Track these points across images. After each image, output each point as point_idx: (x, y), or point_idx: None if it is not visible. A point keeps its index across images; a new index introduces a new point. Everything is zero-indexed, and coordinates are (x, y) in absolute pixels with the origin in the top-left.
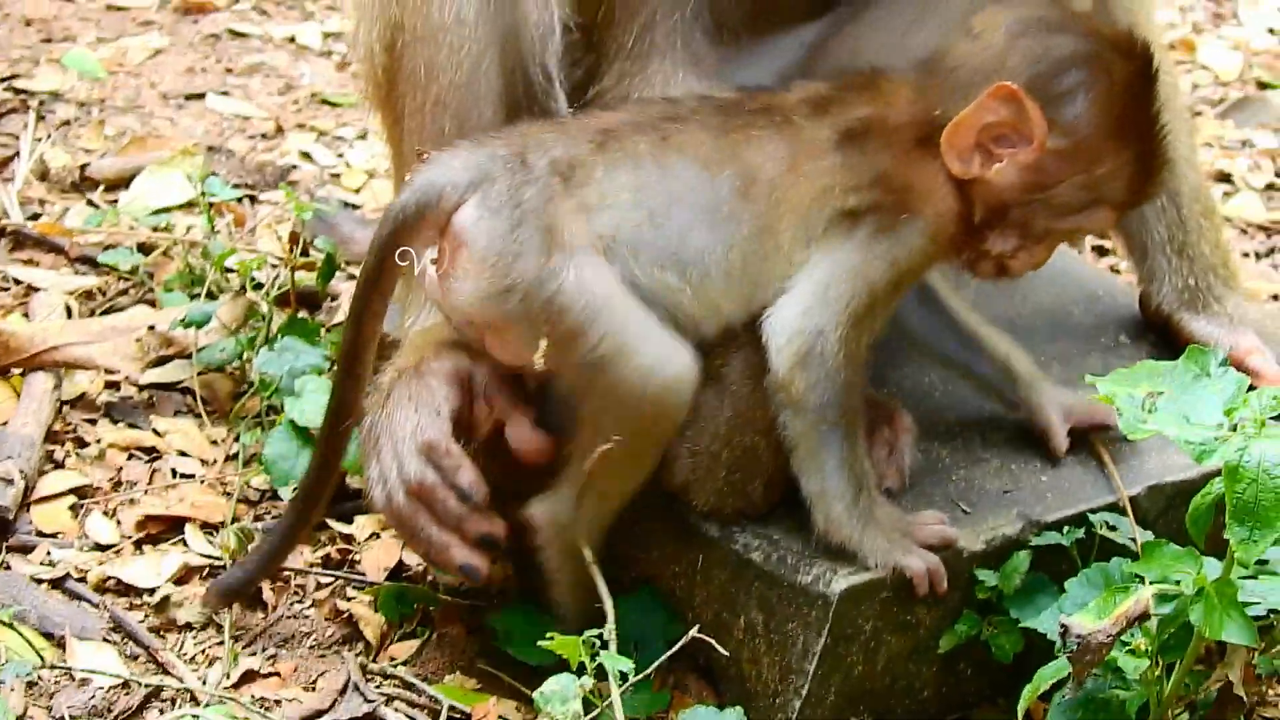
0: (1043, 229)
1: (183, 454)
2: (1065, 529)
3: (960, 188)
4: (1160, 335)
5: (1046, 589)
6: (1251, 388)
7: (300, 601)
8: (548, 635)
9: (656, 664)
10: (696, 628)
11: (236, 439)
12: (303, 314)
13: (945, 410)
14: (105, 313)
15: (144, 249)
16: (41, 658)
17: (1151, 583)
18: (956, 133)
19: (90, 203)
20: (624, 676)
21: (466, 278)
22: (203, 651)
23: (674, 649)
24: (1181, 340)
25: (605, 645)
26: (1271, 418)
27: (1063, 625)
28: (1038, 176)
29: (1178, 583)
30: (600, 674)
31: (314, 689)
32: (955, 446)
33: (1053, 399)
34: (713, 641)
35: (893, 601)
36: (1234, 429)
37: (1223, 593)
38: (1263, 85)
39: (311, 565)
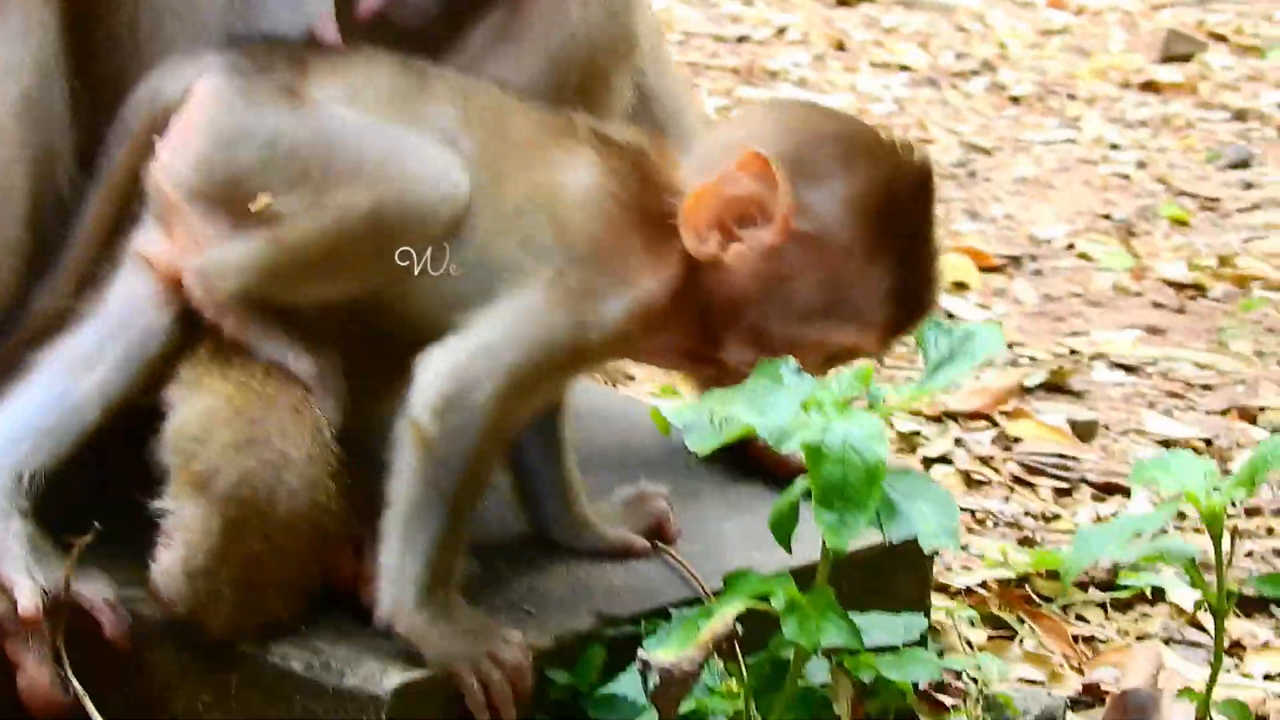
0: (782, 337)
1: None
2: (643, 623)
3: (694, 275)
4: (732, 458)
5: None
6: None
7: None
8: None
9: None
10: None
11: None
12: None
13: (498, 523)
14: None
15: None
16: None
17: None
18: (697, 205)
19: None
20: None
21: (195, 138)
22: None
23: None
24: (754, 452)
25: None
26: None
27: (641, 661)
28: (777, 265)
29: (767, 601)
30: None
31: None
32: (514, 558)
33: (608, 528)
34: None
35: (456, 701)
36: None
37: (818, 600)
38: None
39: None
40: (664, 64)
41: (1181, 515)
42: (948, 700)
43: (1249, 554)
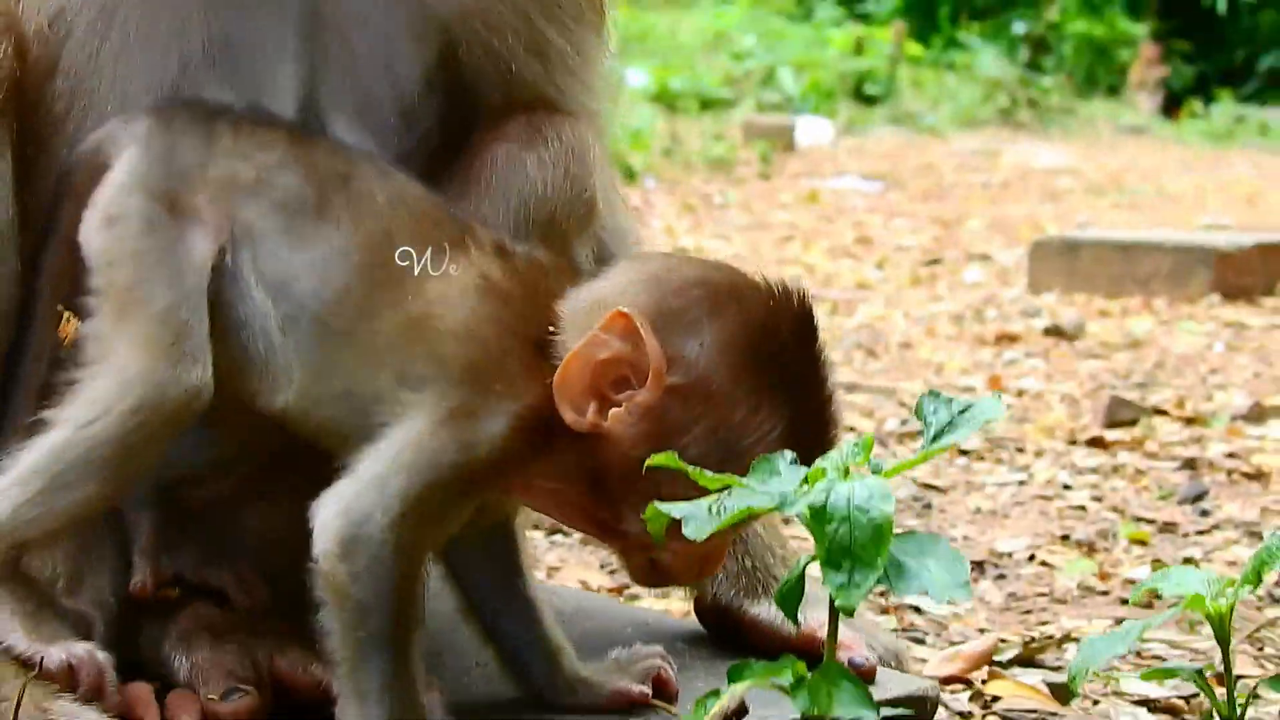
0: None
1: None
2: None
3: (579, 440)
4: (721, 634)
5: None
6: None
7: None
8: None
9: None
10: None
11: None
12: None
13: (487, 690)
14: None
15: None
16: None
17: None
18: (567, 375)
19: None
20: None
21: (95, 204)
22: None
23: None
24: (745, 629)
25: None
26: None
27: None
28: (661, 424)
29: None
30: None
31: None
32: (507, 711)
33: (603, 681)
34: None
35: None
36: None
37: (828, 669)
38: None
39: None
40: (633, 245)
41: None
42: None
43: None
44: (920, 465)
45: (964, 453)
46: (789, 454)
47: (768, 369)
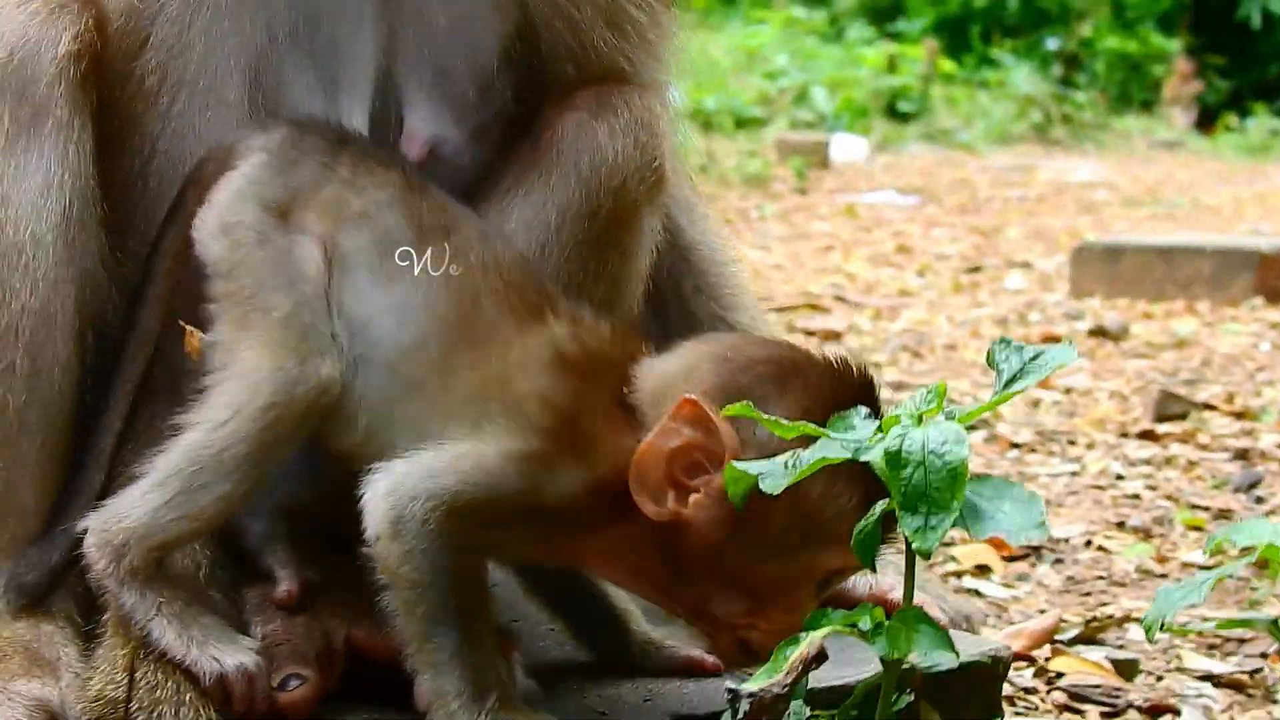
0: (768, 577)
1: None
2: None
3: (661, 532)
4: None
5: None
6: None
7: None
8: None
9: None
10: None
11: None
12: None
13: (562, 651)
14: None
15: None
16: None
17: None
18: (642, 468)
19: None
20: None
21: (212, 205)
22: None
23: None
24: None
25: None
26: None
27: (730, 690)
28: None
29: (854, 628)
30: None
31: None
32: (582, 674)
33: (676, 646)
34: None
35: None
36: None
37: (906, 614)
38: None
39: None
40: (700, 218)
41: None
42: None
43: None
44: (984, 420)
45: (1015, 445)
46: (863, 411)
47: None
